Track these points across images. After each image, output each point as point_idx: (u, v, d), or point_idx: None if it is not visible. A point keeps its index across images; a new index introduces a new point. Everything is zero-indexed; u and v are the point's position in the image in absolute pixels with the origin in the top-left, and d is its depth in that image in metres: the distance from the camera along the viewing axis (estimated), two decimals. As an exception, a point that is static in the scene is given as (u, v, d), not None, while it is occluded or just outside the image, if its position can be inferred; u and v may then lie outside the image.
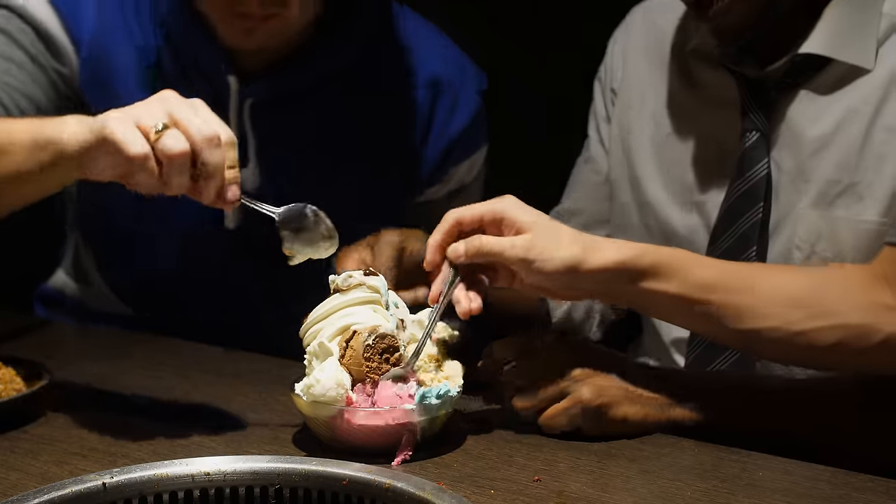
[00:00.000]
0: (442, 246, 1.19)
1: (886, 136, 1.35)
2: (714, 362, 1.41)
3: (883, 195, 1.33)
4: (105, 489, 0.93)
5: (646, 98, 1.57)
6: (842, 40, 1.36)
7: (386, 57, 1.58)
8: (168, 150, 1.05)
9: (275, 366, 1.39)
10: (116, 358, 1.48)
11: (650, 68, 1.57)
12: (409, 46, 1.59)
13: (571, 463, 1.08)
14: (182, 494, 0.96)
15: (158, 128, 1.05)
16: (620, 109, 1.61)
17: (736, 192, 1.41)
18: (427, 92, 1.59)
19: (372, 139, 1.58)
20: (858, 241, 1.36)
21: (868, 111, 1.35)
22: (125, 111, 1.08)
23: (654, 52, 1.57)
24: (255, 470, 0.97)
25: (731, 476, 1.05)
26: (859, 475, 1.05)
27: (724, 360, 1.40)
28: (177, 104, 1.08)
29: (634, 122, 1.58)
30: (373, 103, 1.57)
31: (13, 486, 1.02)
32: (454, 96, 1.61)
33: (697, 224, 1.48)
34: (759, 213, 1.39)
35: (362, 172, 1.58)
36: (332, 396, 1.08)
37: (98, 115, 1.09)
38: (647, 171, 1.54)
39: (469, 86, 1.63)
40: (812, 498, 1.00)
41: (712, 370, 1.39)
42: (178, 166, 1.05)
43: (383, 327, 1.11)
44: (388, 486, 0.93)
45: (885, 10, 1.37)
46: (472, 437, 1.14)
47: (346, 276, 1.14)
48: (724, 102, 1.44)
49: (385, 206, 1.59)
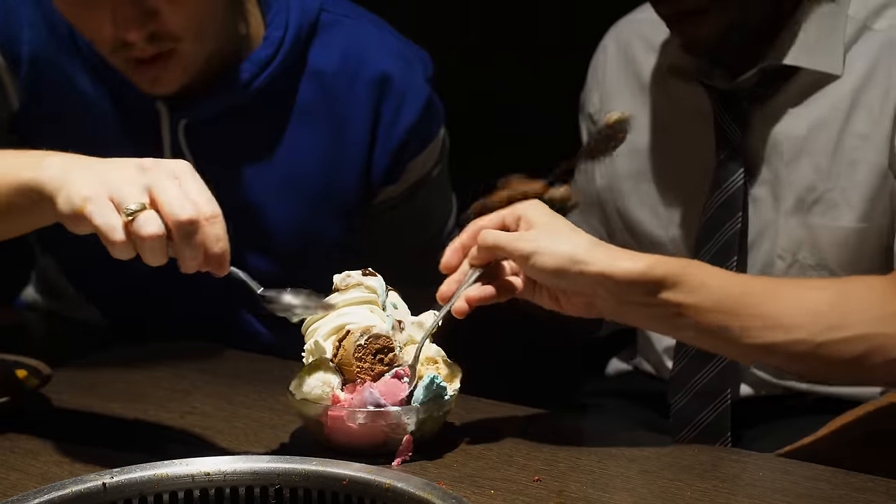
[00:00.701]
0: (462, 249, 1.17)
1: (858, 142, 1.36)
2: (700, 372, 1.41)
3: (857, 200, 1.34)
4: (105, 489, 0.93)
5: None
6: (809, 48, 1.37)
7: (321, 62, 1.51)
8: (141, 232, 0.98)
9: (275, 366, 1.39)
10: (117, 358, 1.48)
11: (626, 89, 1.59)
12: (348, 47, 1.52)
13: (571, 463, 1.08)
14: (182, 494, 0.96)
15: (129, 210, 0.98)
16: None
17: (714, 203, 1.42)
18: (371, 92, 1.52)
19: (315, 148, 1.52)
20: (839, 247, 1.37)
21: (839, 117, 1.37)
22: (101, 178, 1.01)
23: (629, 73, 1.59)
24: (255, 470, 0.97)
25: (731, 476, 1.06)
26: (859, 475, 1.05)
27: (709, 370, 1.41)
28: (157, 178, 1.00)
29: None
30: (313, 111, 1.51)
31: (13, 486, 1.02)
32: (400, 93, 1.53)
33: (679, 237, 1.49)
34: (738, 224, 1.40)
35: (309, 184, 1.52)
36: (317, 395, 1.08)
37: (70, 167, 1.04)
38: (628, 187, 1.56)
39: (415, 77, 1.55)
40: (812, 498, 1.00)
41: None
42: (150, 248, 1.00)
43: (377, 327, 1.11)
44: (388, 487, 0.93)
45: (851, 13, 1.37)
46: (473, 437, 1.15)
47: (344, 276, 1.14)
48: (699, 116, 1.45)
49: (338, 214, 1.55)
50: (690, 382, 1.42)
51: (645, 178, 1.54)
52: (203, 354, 1.45)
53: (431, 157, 1.59)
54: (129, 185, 1.00)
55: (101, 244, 1.11)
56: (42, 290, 1.71)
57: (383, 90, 1.52)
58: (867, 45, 1.37)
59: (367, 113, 1.53)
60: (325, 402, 1.09)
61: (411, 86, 1.55)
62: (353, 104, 1.52)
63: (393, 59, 1.54)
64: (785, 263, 1.41)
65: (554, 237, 1.11)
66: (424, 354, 1.13)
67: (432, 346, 1.15)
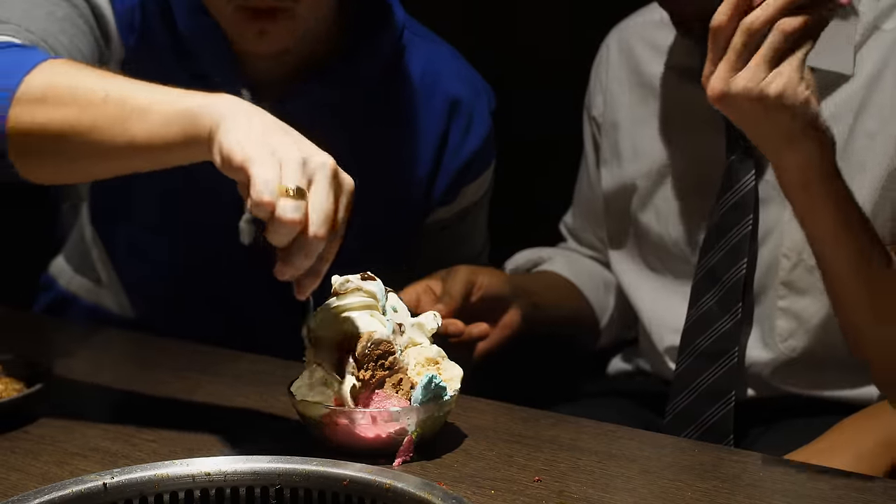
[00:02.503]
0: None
1: (866, 142, 1.36)
2: (706, 372, 1.41)
3: (863, 201, 1.34)
4: (106, 489, 0.93)
5: (629, 121, 1.59)
6: (819, 48, 1.36)
7: (404, 77, 1.55)
8: (287, 215, 0.97)
9: (276, 366, 1.39)
10: (117, 358, 1.49)
11: (630, 91, 1.59)
12: (427, 66, 1.58)
13: (572, 463, 1.08)
14: (183, 495, 0.96)
15: (292, 189, 0.97)
16: (606, 134, 1.63)
17: (725, 204, 1.41)
18: (443, 113, 1.57)
19: (386, 159, 1.56)
20: None
21: (848, 117, 1.36)
22: (273, 143, 1.00)
23: (633, 75, 1.59)
24: (255, 470, 0.97)
25: (731, 476, 1.05)
26: (860, 475, 1.05)
27: (715, 370, 1.41)
28: (320, 178, 1.00)
29: (622, 143, 1.59)
30: (389, 122, 1.55)
31: (14, 486, 1.02)
32: (469, 116, 1.59)
33: (683, 239, 1.49)
34: (748, 226, 1.40)
35: (373, 193, 1.55)
36: (319, 399, 1.09)
37: (238, 110, 1.03)
38: (634, 189, 1.56)
39: (482, 106, 1.61)
40: (812, 498, 1.00)
41: None
42: (282, 231, 0.98)
43: (378, 333, 1.11)
44: (388, 487, 0.93)
45: (862, 10, 1.37)
46: (473, 437, 1.15)
47: (343, 281, 1.14)
48: (709, 118, 1.44)
49: (396, 226, 1.59)
50: (695, 382, 1.42)
51: (651, 180, 1.54)
52: (204, 354, 1.45)
53: (483, 185, 1.65)
54: (296, 165, 0.99)
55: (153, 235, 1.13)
56: (79, 269, 1.71)
57: (453, 113, 1.58)
58: (877, 45, 1.37)
59: (438, 132, 1.58)
60: (327, 403, 1.08)
61: (478, 113, 1.61)
62: (425, 121, 1.57)
63: (465, 85, 1.60)
64: (790, 263, 1.41)
65: None
66: (424, 355, 1.14)
67: (433, 346, 1.15)
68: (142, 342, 1.53)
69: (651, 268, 1.57)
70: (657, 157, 1.53)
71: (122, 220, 1.59)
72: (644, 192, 1.55)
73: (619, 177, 1.58)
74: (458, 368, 1.14)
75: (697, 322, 1.42)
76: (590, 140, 1.68)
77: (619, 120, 1.60)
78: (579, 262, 1.72)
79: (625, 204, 1.58)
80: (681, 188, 1.51)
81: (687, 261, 1.49)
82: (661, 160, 1.53)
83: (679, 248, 1.50)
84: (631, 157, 1.56)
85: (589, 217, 1.71)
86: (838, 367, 1.41)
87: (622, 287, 1.63)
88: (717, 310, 1.41)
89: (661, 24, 1.50)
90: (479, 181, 1.63)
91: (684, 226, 1.50)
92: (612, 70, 1.62)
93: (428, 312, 1.17)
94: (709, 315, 1.41)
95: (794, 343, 1.43)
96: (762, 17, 1.03)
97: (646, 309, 1.57)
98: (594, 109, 1.65)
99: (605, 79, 1.63)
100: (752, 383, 1.47)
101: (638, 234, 1.57)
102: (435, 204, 1.62)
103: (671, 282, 1.54)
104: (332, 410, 1.08)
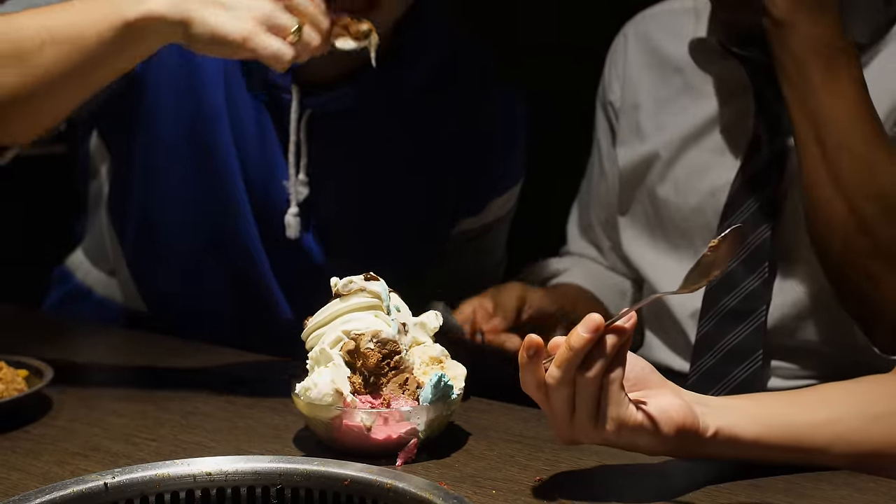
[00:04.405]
0: None
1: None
2: (731, 332, 1.42)
3: None
4: (107, 489, 0.93)
5: (652, 101, 1.60)
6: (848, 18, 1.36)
7: (449, 84, 1.57)
8: (312, 45, 1.20)
9: (277, 366, 1.39)
10: (118, 357, 1.49)
11: (650, 74, 1.60)
12: (472, 75, 1.59)
13: (573, 463, 1.08)
14: (184, 494, 0.96)
15: (295, 30, 1.18)
16: (625, 115, 1.63)
17: (749, 171, 1.42)
18: (488, 119, 1.59)
19: (426, 165, 1.56)
20: None
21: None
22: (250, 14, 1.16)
23: (653, 60, 1.61)
24: (256, 470, 0.97)
25: (731, 476, 1.05)
26: (861, 476, 1.05)
27: (740, 331, 1.41)
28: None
29: (644, 122, 1.60)
30: (430, 128, 1.56)
31: (14, 486, 1.02)
32: (509, 129, 1.61)
33: (704, 206, 1.50)
34: (771, 191, 1.40)
35: (410, 198, 1.57)
36: (328, 401, 1.08)
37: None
38: (658, 159, 1.56)
39: (520, 119, 1.63)
40: (813, 499, 1.00)
41: None
42: (311, 52, 1.21)
43: (384, 332, 1.11)
44: (389, 487, 0.93)
45: None
46: (474, 437, 1.15)
47: (346, 282, 1.14)
48: (735, 90, 1.47)
49: (426, 232, 1.60)
50: (720, 343, 1.43)
51: (674, 147, 1.54)
52: (205, 354, 1.45)
53: (510, 200, 1.67)
54: (279, 13, 1.18)
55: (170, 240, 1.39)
56: (92, 257, 1.72)
57: (496, 121, 1.60)
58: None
59: (480, 138, 1.59)
60: (336, 404, 1.08)
61: (516, 126, 1.63)
62: (468, 130, 1.58)
63: (508, 96, 1.62)
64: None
65: None
66: (428, 354, 1.14)
67: (436, 345, 1.15)
68: (144, 341, 1.53)
69: (667, 240, 1.57)
70: (682, 126, 1.54)
71: (134, 212, 1.59)
72: (665, 161, 1.55)
73: (639, 151, 1.59)
74: (462, 367, 1.15)
75: (723, 282, 1.42)
76: (603, 126, 1.68)
77: (640, 101, 1.61)
78: (596, 273, 1.72)
79: (641, 177, 1.58)
80: (704, 154, 1.52)
81: (706, 226, 1.49)
82: (685, 129, 1.54)
83: (699, 216, 1.51)
84: (653, 131, 1.57)
85: (596, 207, 1.70)
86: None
87: (636, 265, 1.62)
88: (742, 270, 1.42)
89: (682, 13, 1.54)
90: (507, 196, 1.65)
91: (706, 192, 1.50)
92: (631, 56, 1.64)
93: (429, 312, 1.17)
94: (734, 275, 1.42)
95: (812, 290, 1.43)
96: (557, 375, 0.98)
97: (658, 279, 1.57)
98: (610, 95, 1.66)
99: (622, 66, 1.65)
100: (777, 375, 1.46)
101: (655, 207, 1.57)
102: (462, 214, 1.63)
103: (686, 252, 1.53)
104: (342, 412, 1.07)
